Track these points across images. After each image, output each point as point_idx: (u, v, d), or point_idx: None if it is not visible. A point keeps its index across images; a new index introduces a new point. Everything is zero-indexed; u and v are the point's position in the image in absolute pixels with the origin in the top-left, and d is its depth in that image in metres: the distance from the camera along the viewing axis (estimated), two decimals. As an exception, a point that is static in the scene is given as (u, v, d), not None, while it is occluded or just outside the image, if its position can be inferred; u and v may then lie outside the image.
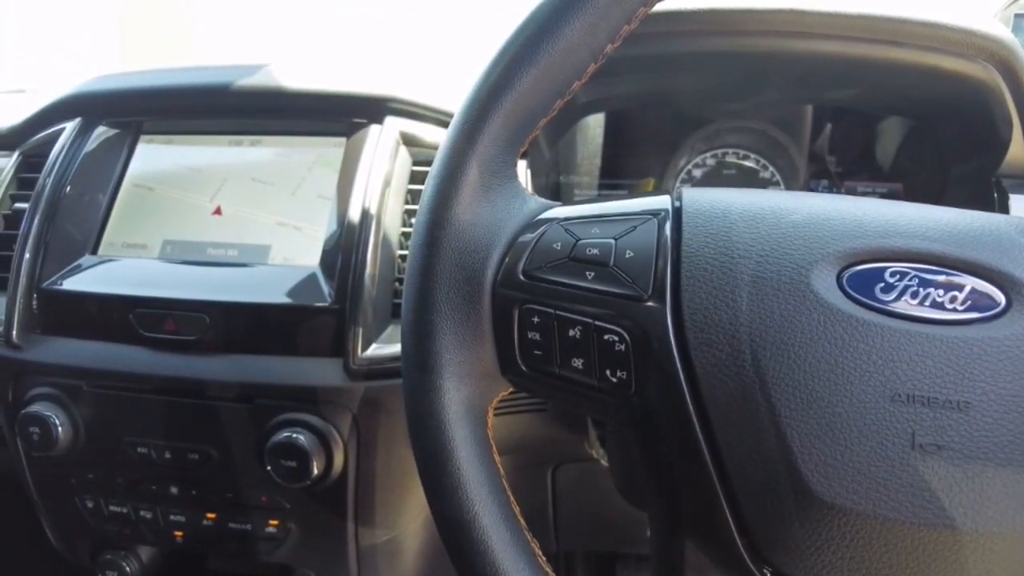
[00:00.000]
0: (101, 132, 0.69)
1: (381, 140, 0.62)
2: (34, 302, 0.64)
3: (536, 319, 0.35)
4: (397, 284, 0.61)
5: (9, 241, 0.68)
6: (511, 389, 0.38)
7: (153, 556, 0.70)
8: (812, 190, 0.83)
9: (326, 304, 0.59)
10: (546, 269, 0.36)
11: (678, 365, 0.32)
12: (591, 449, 0.74)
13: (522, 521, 0.36)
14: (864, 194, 0.81)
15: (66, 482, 0.65)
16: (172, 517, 0.64)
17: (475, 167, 0.36)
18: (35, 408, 0.62)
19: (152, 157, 0.69)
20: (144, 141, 0.70)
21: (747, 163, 0.83)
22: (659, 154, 0.84)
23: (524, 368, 0.36)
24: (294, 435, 0.57)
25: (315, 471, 0.57)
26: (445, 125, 0.66)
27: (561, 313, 0.35)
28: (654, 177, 0.84)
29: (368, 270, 0.58)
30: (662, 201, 0.36)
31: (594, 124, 0.84)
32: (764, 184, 0.83)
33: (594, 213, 0.37)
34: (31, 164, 0.71)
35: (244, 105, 0.68)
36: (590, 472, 0.78)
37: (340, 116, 0.66)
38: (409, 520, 0.65)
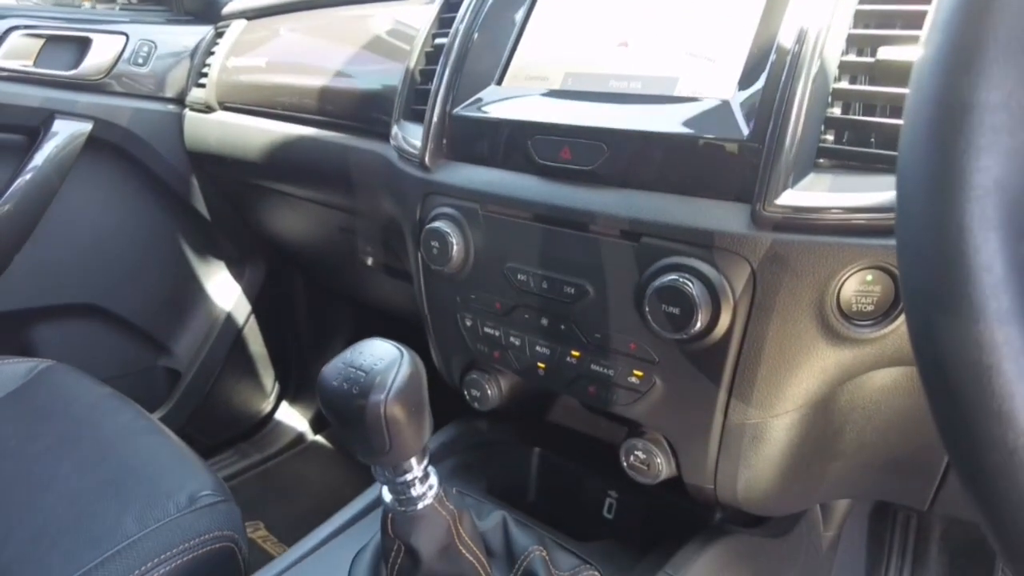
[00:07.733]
0: (516, -33, 0.70)
1: (833, -53, 0.51)
2: (443, 130, 0.68)
3: None
4: (823, 125, 0.50)
5: (427, 77, 0.74)
6: None
7: (512, 386, 0.73)
8: None
9: (740, 138, 0.51)
10: None
11: None
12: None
13: None
14: None
15: (452, 299, 0.71)
16: (538, 348, 0.65)
17: None
18: (436, 224, 0.67)
19: (561, -9, 0.68)
20: (554, -26, 0.69)
21: None
22: None
23: None
24: (681, 280, 0.52)
25: (697, 324, 0.52)
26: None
27: None
28: None
29: (796, 102, 0.49)
30: None
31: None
32: None
33: None
34: (452, 4, 0.75)
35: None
36: None
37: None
38: (786, 406, 0.56)
